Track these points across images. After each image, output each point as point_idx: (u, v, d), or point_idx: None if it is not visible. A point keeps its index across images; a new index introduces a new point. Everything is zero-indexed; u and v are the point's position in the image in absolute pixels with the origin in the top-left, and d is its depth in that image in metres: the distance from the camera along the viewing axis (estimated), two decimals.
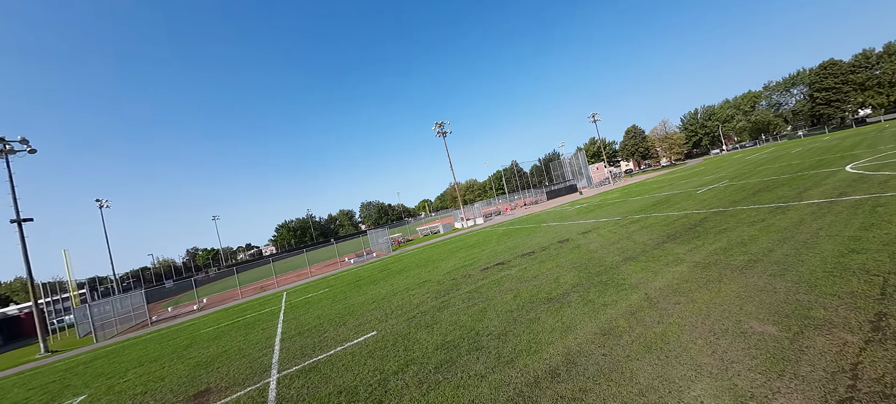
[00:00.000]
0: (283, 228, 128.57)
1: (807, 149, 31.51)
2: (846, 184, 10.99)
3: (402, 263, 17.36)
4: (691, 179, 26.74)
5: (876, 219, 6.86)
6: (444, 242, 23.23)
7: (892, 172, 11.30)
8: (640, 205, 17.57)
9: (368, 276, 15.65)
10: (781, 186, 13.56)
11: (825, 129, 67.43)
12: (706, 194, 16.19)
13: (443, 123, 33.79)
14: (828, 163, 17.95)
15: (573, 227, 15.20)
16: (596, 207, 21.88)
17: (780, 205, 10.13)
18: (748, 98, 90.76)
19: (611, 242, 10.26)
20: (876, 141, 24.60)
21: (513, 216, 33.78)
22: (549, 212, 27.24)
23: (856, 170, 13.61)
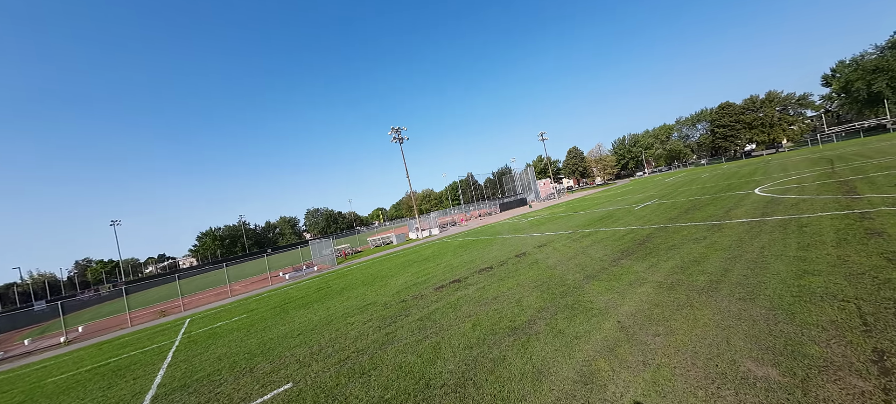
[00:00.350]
0: (208, 237, 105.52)
1: (713, 175, 35.31)
2: (764, 205, 11.78)
3: (346, 280, 15.08)
4: (625, 197, 28.41)
5: (809, 240, 6.98)
6: (396, 255, 21.31)
7: (797, 196, 12.39)
8: (586, 220, 17.78)
9: (301, 297, 13.03)
10: (707, 206, 14.36)
11: (722, 159, 78.03)
12: (644, 211, 16.80)
13: (399, 129, 32.10)
14: (737, 186, 19.81)
15: (528, 240, 14.70)
16: (546, 220, 21.96)
17: (714, 223, 10.42)
18: (664, 129, 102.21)
19: (568, 257, 9.71)
20: (767, 170, 28.22)
21: (468, 227, 33.13)
22: (503, 224, 26.97)
23: (764, 193, 14.94)
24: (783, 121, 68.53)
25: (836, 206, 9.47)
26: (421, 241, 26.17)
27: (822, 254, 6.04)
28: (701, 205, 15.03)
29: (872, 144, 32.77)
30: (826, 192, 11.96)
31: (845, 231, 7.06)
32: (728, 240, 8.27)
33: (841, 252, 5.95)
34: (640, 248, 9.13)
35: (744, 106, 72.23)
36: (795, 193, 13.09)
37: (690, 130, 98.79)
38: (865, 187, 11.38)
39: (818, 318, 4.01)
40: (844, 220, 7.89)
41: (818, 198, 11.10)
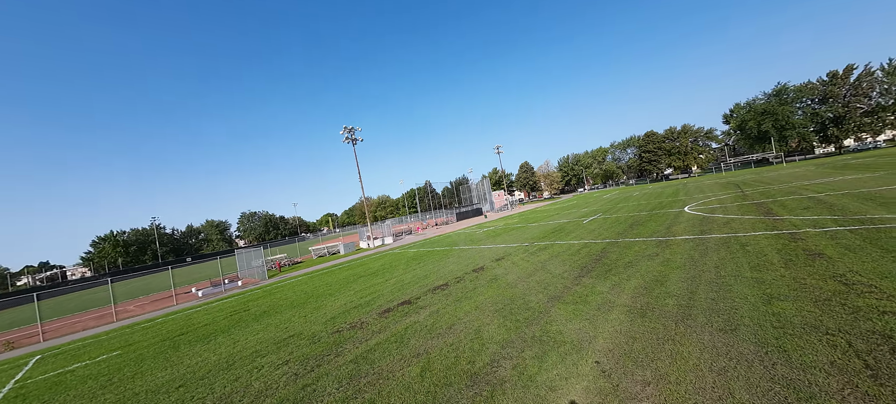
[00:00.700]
0: (107, 242, 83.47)
1: (643, 194, 38.21)
2: (699, 223, 12.21)
3: (272, 299, 12.14)
4: (571, 210, 29.35)
5: (757, 260, 6.86)
6: (341, 267, 18.27)
7: (724, 214, 13.12)
8: (541, 232, 17.52)
9: (206, 325, 9.88)
10: (648, 222, 14.75)
11: (647, 180, 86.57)
12: (592, 225, 16.95)
13: (353, 128, 29.36)
14: (667, 205, 21.10)
15: (486, 252, 13.82)
16: (502, 231, 21.48)
17: (661, 240, 10.41)
18: (601, 152, 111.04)
19: (528, 273, 8.88)
20: (686, 190, 31.09)
21: (424, 236, 31.72)
22: (459, 234, 26.05)
23: (693, 211, 15.85)
24: (694, 151, 78.10)
25: (763, 226, 9.88)
26: (372, 251, 24.00)
27: (776, 275, 5.81)
28: (641, 221, 15.44)
29: (763, 173, 37.93)
30: (748, 213, 12.76)
31: (786, 251, 7.08)
32: (680, 257, 8.04)
33: (794, 274, 5.76)
34: (598, 265, 8.60)
35: (664, 135, 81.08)
36: (721, 212, 13.92)
37: (622, 154, 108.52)
38: (779, 209, 12.31)
39: (815, 358, 3.41)
40: (779, 240, 8.07)
41: (744, 218, 11.73)
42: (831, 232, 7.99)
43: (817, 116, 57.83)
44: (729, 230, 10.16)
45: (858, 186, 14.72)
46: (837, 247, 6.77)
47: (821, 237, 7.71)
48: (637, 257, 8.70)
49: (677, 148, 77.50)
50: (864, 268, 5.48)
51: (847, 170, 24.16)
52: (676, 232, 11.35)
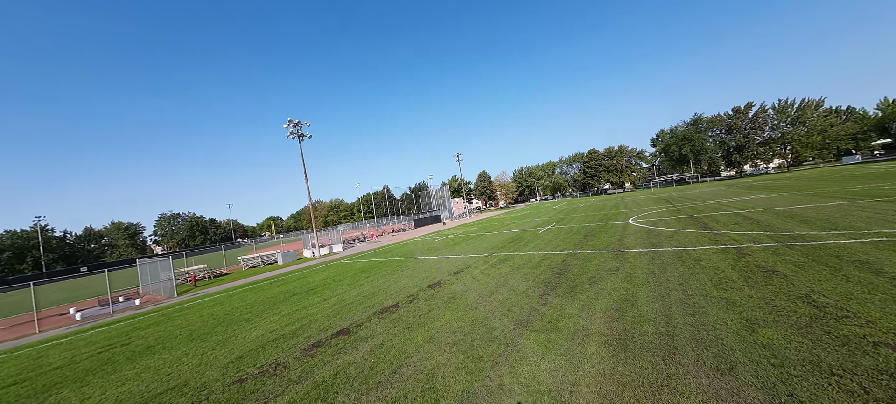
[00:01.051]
0: None
1: (588, 206, 40.16)
2: (647, 235, 12.31)
3: (168, 327, 9.19)
4: (526, 220, 29.60)
5: (716, 276, 6.55)
6: (274, 280, 15.00)
7: (667, 228, 13.48)
8: (499, 241, 16.85)
9: (57, 368, 6.83)
10: (600, 233, 14.76)
11: (589, 194, 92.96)
12: (548, 235, 16.70)
13: (299, 123, 25.79)
14: (612, 217, 21.86)
15: (443, 264, 12.64)
16: (461, 240, 20.53)
17: (617, 252, 10.12)
18: (550, 166, 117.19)
19: (490, 291, 7.86)
20: (625, 204, 33.15)
21: (379, 243, 29.72)
22: (417, 242, 24.61)
23: (638, 224, 16.33)
24: (628, 169, 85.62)
25: (708, 240, 10.02)
26: (316, 262, 21.15)
27: (743, 296, 5.40)
28: (593, 232, 15.47)
29: (686, 191, 42.05)
30: (687, 226, 13.21)
31: (740, 267, 6.91)
32: (641, 272, 7.60)
33: (759, 294, 5.39)
34: (561, 280, 7.87)
35: (604, 154, 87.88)
36: (663, 225, 14.37)
37: (568, 168, 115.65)
38: (714, 224, 12.89)
39: None
40: (727, 254, 8.02)
41: (687, 232, 12.04)
42: (772, 247, 8.13)
43: (724, 144, 66.73)
44: (677, 243, 10.17)
45: (771, 205, 16.23)
46: (786, 264, 6.71)
47: (765, 252, 7.77)
48: (599, 272, 8.14)
49: (615, 165, 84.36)
50: (824, 288, 5.26)
51: (752, 190, 27.35)
52: (629, 244, 11.23)
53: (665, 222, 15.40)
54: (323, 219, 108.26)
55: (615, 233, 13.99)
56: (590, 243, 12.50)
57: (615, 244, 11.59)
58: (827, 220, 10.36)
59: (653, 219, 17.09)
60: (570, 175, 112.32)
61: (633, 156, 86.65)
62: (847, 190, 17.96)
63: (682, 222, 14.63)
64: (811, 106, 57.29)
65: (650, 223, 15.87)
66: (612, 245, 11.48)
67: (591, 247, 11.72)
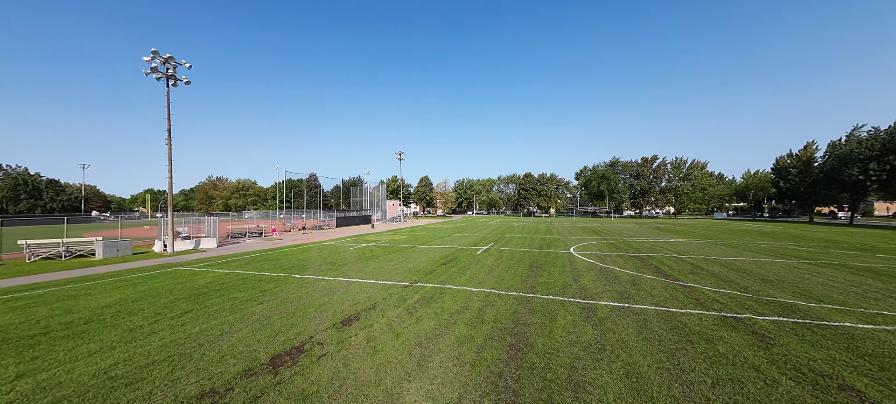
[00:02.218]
0: None
1: (523, 226, 39.57)
2: (604, 276, 9.92)
3: None
4: (463, 234, 26.72)
5: (715, 350, 3.76)
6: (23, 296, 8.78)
7: (620, 268, 11.45)
8: (428, 261, 13.09)
9: None
10: (548, 266, 12.16)
11: (520, 213, 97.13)
12: (488, 259, 13.59)
13: (169, 59, 17.01)
14: (551, 243, 20.11)
15: (336, 297, 8.23)
16: (382, 253, 16.20)
17: (582, 303, 7.23)
18: (489, 182, 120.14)
19: (396, 361, 3.92)
20: (557, 229, 32.95)
21: (277, 243, 23.46)
22: (325, 247, 19.39)
23: (583, 256, 14.35)
24: (556, 196, 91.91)
25: (686, 299, 7.77)
26: (153, 263, 13.79)
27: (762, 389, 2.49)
28: (539, 262, 12.86)
29: (605, 223, 44.71)
30: (643, 270, 11.33)
31: (792, 370, 4.29)
32: (641, 356, 4.55)
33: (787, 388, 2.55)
34: (519, 361, 4.38)
35: (538, 179, 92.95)
36: (612, 263, 12.41)
37: (505, 187, 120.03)
38: (669, 271, 11.23)
39: None
40: (739, 333, 5.54)
41: (644, 276, 9.98)
42: (783, 325, 5.95)
43: (632, 187, 75.81)
44: (651, 299, 7.72)
45: (702, 251, 15.87)
46: (843, 366, 4.29)
47: (787, 335, 5.46)
48: (575, 347, 4.91)
49: (545, 191, 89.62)
50: None
51: (663, 231, 29.17)
52: (591, 289, 8.54)
53: (611, 259, 13.59)
54: (223, 202, 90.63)
55: (565, 268, 11.46)
56: (541, 280, 9.57)
57: (572, 286, 8.82)
58: (795, 285, 9.11)
59: (594, 252, 15.38)
60: (506, 194, 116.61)
61: (561, 186, 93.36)
62: (752, 244, 19.06)
63: (629, 262, 12.91)
64: (698, 166, 68.88)
65: (596, 257, 13.96)
66: (569, 288, 8.66)
67: (544, 287, 8.73)
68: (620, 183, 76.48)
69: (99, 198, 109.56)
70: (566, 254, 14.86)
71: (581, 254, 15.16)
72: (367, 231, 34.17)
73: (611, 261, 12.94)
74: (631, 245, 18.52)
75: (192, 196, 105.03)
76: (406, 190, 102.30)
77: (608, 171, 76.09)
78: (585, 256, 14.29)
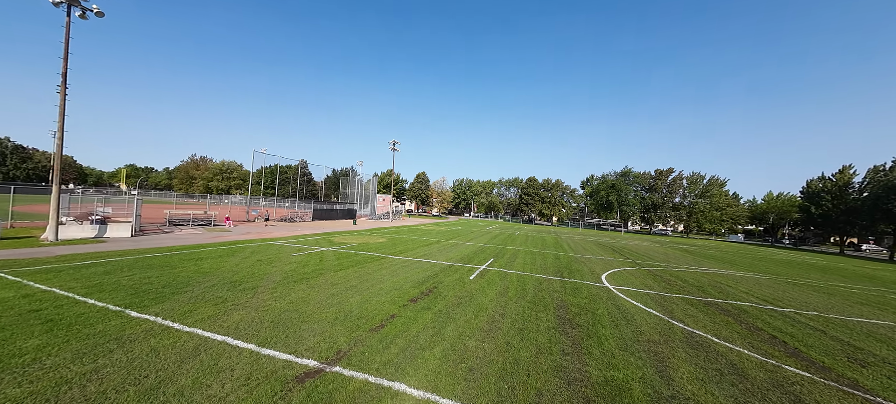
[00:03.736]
0: None
1: (526, 237, 34.77)
2: (703, 362, 5.12)
3: None
4: (456, 240, 21.87)
5: None
6: None
7: (721, 339, 6.63)
8: (390, 291, 8.21)
9: None
10: (593, 322, 7.34)
11: (520, 220, 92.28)
12: (488, 297, 8.72)
13: None
14: (571, 266, 15.32)
15: (248, 353, 3.39)
16: (333, 267, 11.33)
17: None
18: (489, 184, 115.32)
19: None
20: (568, 244, 28.14)
21: (215, 237, 18.64)
22: (265, 249, 14.59)
23: (623, 293, 9.55)
24: (560, 204, 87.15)
25: None
26: None
27: None
28: (572, 314, 8.02)
29: (620, 240, 39.92)
30: (757, 342, 6.51)
31: None
32: None
33: None
34: None
35: (542, 184, 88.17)
36: (689, 319, 7.58)
37: (506, 190, 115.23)
38: (801, 346, 6.40)
39: None
40: None
41: (786, 372, 5.16)
42: None
43: (644, 200, 71.14)
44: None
45: (799, 300, 11.05)
46: None
47: None
48: None
49: (549, 198, 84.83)
50: None
51: (702, 257, 24.38)
52: (687, 388, 3.69)
53: (678, 308, 8.76)
54: (204, 183, 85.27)
55: (620, 328, 6.66)
56: (597, 367, 4.76)
57: (664, 394, 4.00)
58: None
59: (641, 290, 10.55)
60: (506, 198, 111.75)
61: (566, 193, 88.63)
62: (837, 288, 14.27)
63: (715, 319, 8.08)
64: (716, 183, 64.34)
65: (652, 303, 9.12)
66: (652, 385, 3.83)
67: (612, 396, 3.90)
68: (631, 195, 71.83)
69: (73, 170, 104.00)
70: (602, 291, 10.05)
71: (623, 290, 10.34)
72: (347, 227, 29.32)
73: (684, 315, 8.11)
74: (681, 278, 13.70)
75: (175, 175, 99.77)
76: (401, 185, 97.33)
77: (619, 182, 71.43)
78: (633, 298, 9.47)
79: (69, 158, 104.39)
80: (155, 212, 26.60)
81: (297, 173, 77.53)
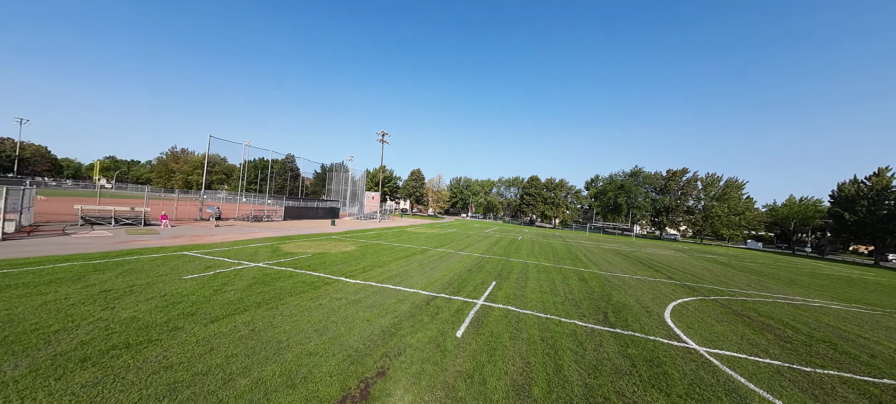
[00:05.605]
0: None
1: (534, 242, 30.42)
2: None
3: None
4: (447, 252, 17.34)
5: None
6: None
7: None
8: (323, 353, 3.70)
9: None
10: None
11: (520, 222, 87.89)
12: (491, 376, 4.22)
13: None
14: (608, 296, 10.92)
15: None
16: (262, 300, 6.80)
17: None
18: (488, 183, 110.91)
19: None
20: (588, 256, 23.72)
21: (123, 244, 14.12)
22: (164, 272, 9.98)
23: (739, 375, 5.17)
24: (564, 205, 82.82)
25: None
26: None
27: None
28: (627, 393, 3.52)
29: (640, 247, 35.59)
30: None
31: None
32: None
33: None
34: None
35: (545, 184, 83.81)
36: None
37: (506, 190, 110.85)
38: None
39: None
40: None
41: None
42: None
43: (656, 203, 66.90)
44: None
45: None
46: None
47: None
48: None
49: (553, 198, 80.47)
50: None
51: (746, 272, 20.00)
52: None
53: (820, 392, 4.28)
54: (184, 177, 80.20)
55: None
56: None
57: None
58: None
59: (717, 332, 6.09)
60: (506, 198, 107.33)
61: (570, 194, 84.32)
62: None
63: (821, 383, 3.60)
64: (734, 186, 60.20)
65: (766, 377, 4.67)
66: None
67: None
68: (640, 197, 67.58)
69: (47, 161, 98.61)
70: (691, 362, 5.66)
71: (725, 359, 5.96)
72: (322, 229, 24.80)
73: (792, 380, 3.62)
74: (777, 320, 9.28)
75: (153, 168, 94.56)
76: (394, 183, 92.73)
77: (628, 182, 67.19)
78: (756, 383, 5.04)
79: (42, 148, 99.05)
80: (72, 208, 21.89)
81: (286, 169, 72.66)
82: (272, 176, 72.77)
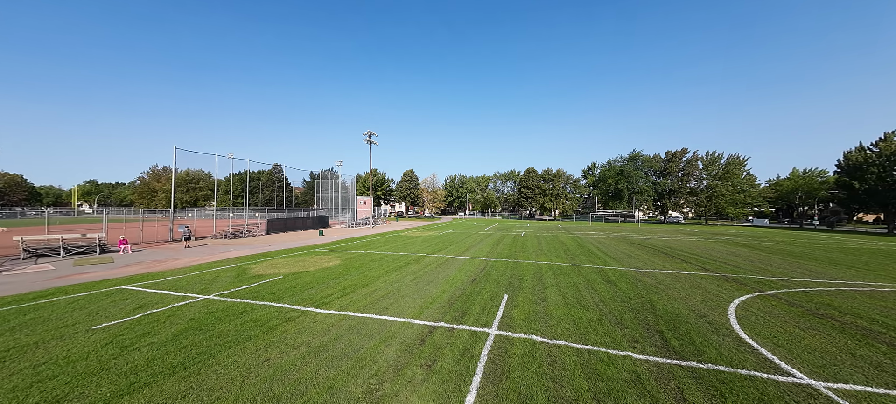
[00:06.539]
0: None
1: (540, 237, 28.55)
2: None
3: None
4: (445, 261, 15.31)
5: None
6: None
7: None
8: None
9: None
10: None
11: (520, 216, 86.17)
12: None
13: None
14: (655, 305, 9.01)
15: None
16: (186, 363, 4.69)
17: None
18: (484, 179, 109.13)
19: None
20: (604, 251, 21.85)
21: (75, 276, 11.90)
22: (79, 321, 7.76)
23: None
24: (563, 196, 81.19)
25: None
26: None
27: None
28: None
29: (652, 234, 33.89)
30: None
31: None
32: None
33: None
34: None
35: (542, 175, 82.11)
36: None
37: (502, 185, 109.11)
38: None
39: None
40: None
41: None
42: None
43: (657, 186, 65.45)
44: None
45: None
46: None
47: None
48: None
49: (551, 190, 78.79)
50: None
51: (795, 258, 18.26)
52: None
53: None
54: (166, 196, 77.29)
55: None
56: None
57: None
58: None
59: (813, 347, 4.20)
60: (503, 193, 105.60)
61: (569, 183, 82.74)
62: None
63: None
64: (736, 163, 58.90)
65: (865, 398, 2.73)
66: None
67: None
68: (641, 181, 66.10)
69: (24, 190, 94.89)
70: (752, 381, 3.66)
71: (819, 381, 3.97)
72: (309, 240, 22.69)
73: None
74: (860, 315, 7.42)
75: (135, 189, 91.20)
76: (386, 186, 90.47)
77: (628, 167, 65.68)
78: None
79: (17, 177, 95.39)
80: None
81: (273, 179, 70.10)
82: (260, 188, 70.19)
